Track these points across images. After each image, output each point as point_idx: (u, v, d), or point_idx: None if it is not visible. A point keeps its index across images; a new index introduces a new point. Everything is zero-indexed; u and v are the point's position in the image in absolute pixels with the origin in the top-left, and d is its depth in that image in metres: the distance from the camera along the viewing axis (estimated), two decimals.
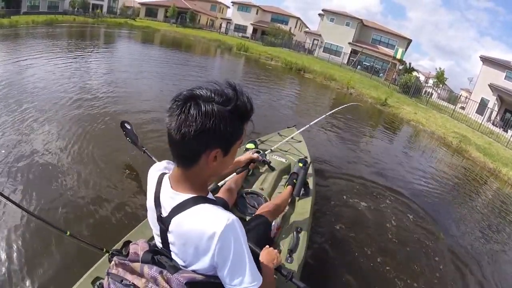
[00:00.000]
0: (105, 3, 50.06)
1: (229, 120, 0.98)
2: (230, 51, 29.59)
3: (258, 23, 47.55)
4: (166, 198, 1.12)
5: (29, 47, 15.55)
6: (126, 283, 1.09)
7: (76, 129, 5.17)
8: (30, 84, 7.45)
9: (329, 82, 19.62)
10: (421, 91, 23.39)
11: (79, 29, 29.65)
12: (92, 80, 8.98)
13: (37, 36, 20.01)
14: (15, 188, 3.42)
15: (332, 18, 40.94)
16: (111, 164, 4.30)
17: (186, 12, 48.73)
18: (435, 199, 5.82)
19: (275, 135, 4.39)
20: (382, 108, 14.96)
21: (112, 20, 41.60)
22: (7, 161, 3.92)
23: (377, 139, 9.62)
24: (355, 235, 3.92)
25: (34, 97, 6.56)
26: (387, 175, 6.30)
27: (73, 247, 2.66)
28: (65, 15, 38.52)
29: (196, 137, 0.96)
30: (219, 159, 1.05)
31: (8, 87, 6.95)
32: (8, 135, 4.67)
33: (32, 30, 23.78)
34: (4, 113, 5.39)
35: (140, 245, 1.17)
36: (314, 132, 8.31)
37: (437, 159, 9.38)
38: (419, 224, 4.68)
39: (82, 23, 35.91)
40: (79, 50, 15.83)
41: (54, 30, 25.27)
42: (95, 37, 25.58)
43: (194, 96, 0.97)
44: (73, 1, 43.52)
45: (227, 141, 1.03)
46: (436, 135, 11.98)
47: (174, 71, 13.18)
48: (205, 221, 1.01)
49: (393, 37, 39.52)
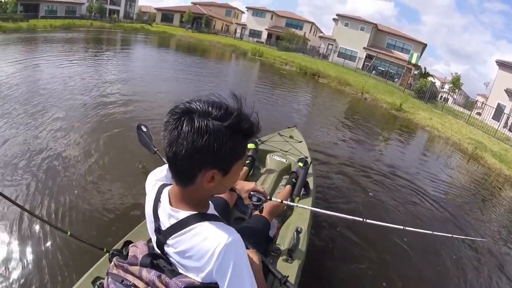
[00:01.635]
0: (122, 9, 50.99)
1: (226, 137, 0.89)
2: (245, 56, 29.89)
3: (273, 28, 47.85)
4: (164, 214, 1.08)
5: (47, 50, 16.08)
6: (127, 284, 1.08)
7: (83, 130, 5.33)
8: (48, 85, 7.85)
9: (343, 87, 19.65)
10: (437, 96, 23.20)
11: (96, 33, 30.21)
12: (109, 83, 9.32)
13: (55, 40, 20.60)
14: (16, 188, 3.49)
15: (347, 22, 40.96)
16: (114, 164, 4.39)
17: (201, 18, 49.37)
18: (445, 204, 5.76)
19: (275, 135, 4.34)
20: (397, 113, 14.96)
21: (128, 25, 42.35)
22: (8, 160, 4.03)
23: (390, 143, 9.67)
24: (356, 236, 3.95)
25: (49, 97, 6.89)
26: (396, 178, 6.35)
27: (73, 247, 2.69)
28: (82, 20, 39.56)
29: (188, 157, 0.89)
30: (217, 179, 0.97)
31: (27, 88, 7.38)
32: (14, 133, 4.86)
33: (50, 34, 24.46)
34: (18, 112, 5.68)
35: (139, 248, 1.15)
36: (326, 133, 8.44)
37: (451, 165, 9.34)
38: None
39: (99, 27, 36.68)
40: (96, 54, 16.30)
41: (72, 34, 25.92)
42: (112, 41, 26.18)
43: (189, 110, 0.90)
44: (90, 6, 44.52)
45: (224, 161, 0.94)
46: (451, 141, 11.94)
47: (189, 76, 13.47)
48: (204, 240, 0.96)
49: (408, 41, 39.30)
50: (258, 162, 3.53)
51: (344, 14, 42.06)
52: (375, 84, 23.01)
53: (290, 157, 3.67)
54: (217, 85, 12.36)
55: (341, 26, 41.33)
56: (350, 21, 40.79)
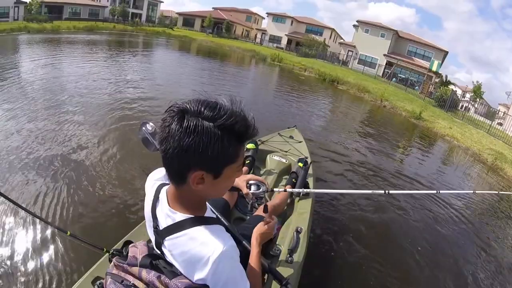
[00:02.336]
0: (144, 12, 52.09)
1: (215, 138, 0.87)
2: (264, 61, 30.11)
3: (293, 34, 48.04)
4: (162, 214, 1.09)
5: (70, 50, 16.78)
6: (127, 284, 1.07)
7: (86, 129, 5.44)
8: (65, 84, 8.40)
9: (362, 94, 19.61)
10: (458, 105, 22.86)
11: (119, 36, 31.22)
12: (127, 84, 9.71)
13: (78, 41, 21.33)
14: (16, 187, 3.54)
15: (367, 29, 40.83)
16: (114, 164, 4.42)
17: (222, 23, 49.97)
18: (457, 211, 5.72)
19: (275, 135, 4.32)
20: (416, 121, 14.85)
21: (150, 29, 43.35)
22: (8, 159, 4.10)
23: (407, 151, 9.65)
24: (356, 235, 3.99)
25: (61, 95, 7.27)
26: (410, 185, 6.37)
27: (73, 247, 2.71)
28: (105, 22, 40.64)
29: (176, 156, 0.90)
30: (208, 182, 0.96)
31: (49, 86, 7.89)
32: (17, 128, 5.05)
33: (73, 35, 25.25)
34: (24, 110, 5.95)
35: (139, 249, 1.15)
36: (341, 138, 8.53)
37: (469, 176, 9.29)
38: (425, 231, 4.69)
39: (122, 30, 37.75)
40: (118, 56, 16.86)
41: (95, 36, 26.82)
42: (134, 44, 26.90)
43: (183, 109, 0.89)
44: (113, 9, 45.73)
45: (213, 162, 0.92)
46: (471, 151, 11.82)
47: (209, 79, 13.92)
48: (199, 246, 0.98)
49: (429, 48, 38.86)
50: (258, 162, 3.52)
51: (365, 21, 41.89)
52: (395, 91, 22.87)
53: (290, 157, 3.67)
54: (235, 89, 12.56)
55: (362, 32, 41.21)
56: (371, 28, 40.62)
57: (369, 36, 40.26)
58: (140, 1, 51.30)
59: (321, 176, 5.48)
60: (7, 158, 4.14)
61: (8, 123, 5.37)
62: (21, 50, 16.61)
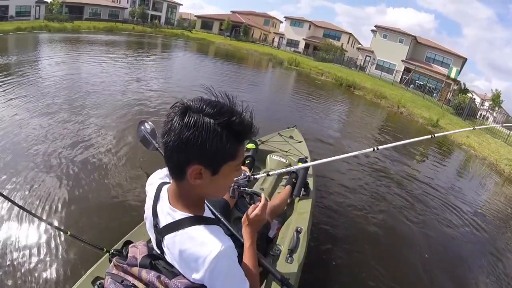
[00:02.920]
0: (163, 15, 52.86)
1: (214, 134, 0.91)
2: (281, 65, 30.24)
3: (310, 38, 48.04)
4: (162, 211, 1.10)
5: (91, 50, 17.26)
6: (127, 284, 1.08)
7: (89, 129, 5.49)
8: (84, 82, 8.65)
9: (379, 100, 19.52)
10: (476, 113, 22.54)
11: (138, 37, 31.83)
12: (144, 85, 9.97)
13: (98, 41, 21.97)
14: (16, 187, 3.55)
15: (385, 34, 40.58)
16: (115, 164, 4.44)
17: (240, 26, 50.38)
18: (461, 217, 5.68)
19: (275, 135, 4.34)
20: (433, 129, 14.72)
21: (169, 31, 43.99)
22: (8, 158, 4.12)
23: (421, 159, 9.58)
24: (356, 235, 4.04)
25: (79, 91, 7.58)
26: (423, 192, 6.34)
27: (73, 247, 2.72)
28: (124, 24, 41.39)
29: (175, 148, 0.93)
30: (206, 178, 0.98)
31: (65, 83, 8.24)
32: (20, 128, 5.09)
33: (93, 35, 25.91)
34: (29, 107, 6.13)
35: (139, 249, 1.17)
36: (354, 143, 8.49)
37: (484, 186, 9.21)
38: (428, 233, 4.71)
39: (141, 32, 38.48)
40: (137, 57, 17.37)
41: (114, 37, 27.43)
42: (153, 45, 27.49)
43: (186, 107, 0.94)
44: (132, 10, 46.54)
45: (211, 158, 0.94)
46: (487, 161, 11.67)
47: (225, 82, 14.03)
48: (198, 245, 0.99)
49: (448, 55, 38.25)
50: (258, 162, 3.54)
51: (383, 26, 41.64)
52: (412, 98, 22.66)
53: (290, 157, 3.67)
54: (251, 93, 12.71)
55: (380, 37, 40.98)
56: (389, 33, 40.38)
57: (387, 42, 40.01)
58: (160, 3, 52.08)
59: (323, 175, 5.53)
60: (7, 157, 4.16)
61: (11, 118, 5.53)
62: (41, 48, 17.21)
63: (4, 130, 5.01)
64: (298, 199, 2.91)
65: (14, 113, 5.83)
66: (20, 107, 6.18)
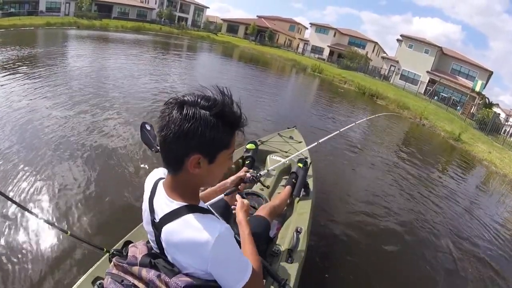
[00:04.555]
0: (190, 17, 53.79)
1: (212, 125, 0.97)
2: (304, 71, 30.40)
3: (335, 46, 48.02)
4: (159, 204, 1.13)
5: (119, 49, 17.95)
6: (127, 284, 1.10)
7: (93, 128, 5.49)
8: (106, 78, 9.00)
9: (401, 111, 19.43)
10: (500, 129, 22.20)
11: (165, 38, 32.49)
12: (166, 85, 10.23)
13: (127, 40, 22.62)
14: (15, 187, 3.53)
15: (411, 44, 40.12)
16: (115, 164, 4.44)
17: (265, 31, 50.76)
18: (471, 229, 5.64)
19: (275, 135, 4.35)
20: (454, 143, 14.67)
21: (195, 33, 44.72)
22: (8, 157, 4.09)
23: (441, 172, 9.53)
24: (356, 235, 4.08)
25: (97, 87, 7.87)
26: (439, 207, 6.29)
27: (73, 247, 2.72)
28: (152, 24, 42.36)
29: (175, 140, 0.98)
30: (203, 167, 1.04)
31: (87, 78, 8.60)
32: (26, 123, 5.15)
33: (121, 34, 26.84)
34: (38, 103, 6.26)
35: (139, 248, 1.19)
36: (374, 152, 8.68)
37: (502, 203, 9.11)
38: (429, 233, 4.81)
39: (168, 33, 39.34)
40: (162, 57, 17.86)
41: (142, 36, 28.17)
42: (179, 46, 28.03)
43: (181, 101, 0.99)
44: (160, 11, 47.48)
45: (209, 147, 1.01)
46: (508, 178, 11.60)
47: (248, 85, 14.32)
48: (196, 232, 1.02)
49: (474, 68, 37.40)
50: (258, 162, 3.53)
51: (409, 35, 41.19)
52: (435, 110, 22.53)
53: (290, 157, 3.62)
54: (273, 97, 12.96)
55: (405, 47, 40.54)
56: (415, 43, 39.90)
57: (412, 52, 39.55)
58: (187, 5, 53.06)
59: (323, 175, 5.57)
60: (7, 156, 4.16)
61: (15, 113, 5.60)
62: (69, 43, 17.92)
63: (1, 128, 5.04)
64: (298, 199, 2.92)
65: (26, 106, 6.01)
66: (35, 100, 6.43)
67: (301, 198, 2.93)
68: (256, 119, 8.38)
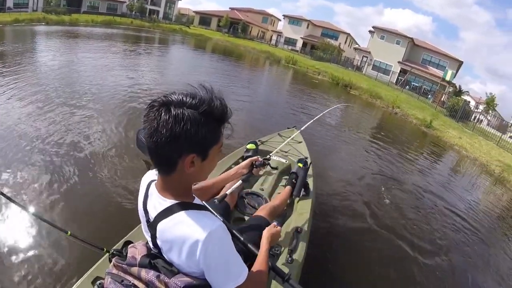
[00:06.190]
0: (162, 9, 52.58)
1: (202, 123, 0.96)
2: (278, 63, 30.27)
3: (308, 37, 48.16)
4: (152, 204, 1.13)
5: (89, 44, 17.28)
6: (127, 284, 1.10)
7: (88, 127, 5.40)
8: (81, 76, 8.69)
9: (374, 100, 19.71)
10: (470, 116, 22.80)
11: (136, 32, 31.58)
12: (141, 80, 9.95)
13: (96, 35, 21.84)
14: (15, 186, 3.51)
15: (383, 35, 40.73)
16: (115, 164, 4.39)
17: (238, 23, 50.21)
18: (454, 221, 5.77)
19: (275, 135, 4.34)
20: (426, 130, 14.95)
21: (167, 26, 43.76)
22: (8, 157, 4.04)
23: (414, 157, 9.66)
24: (356, 235, 4.08)
25: (75, 86, 7.54)
26: (413, 190, 6.49)
27: (73, 247, 2.71)
28: (122, 18, 41.14)
29: (168, 144, 0.96)
30: (197, 164, 1.04)
31: (62, 77, 8.24)
32: (18, 124, 4.98)
33: (91, 28, 25.97)
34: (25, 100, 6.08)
35: (138, 249, 1.19)
36: (349, 142, 8.72)
37: (473, 185, 9.33)
38: (430, 234, 4.77)
39: (139, 26, 38.31)
40: (134, 51, 17.33)
41: (112, 31, 27.34)
42: (151, 40, 27.39)
43: (166, 102, 0.96)
44: (131, 4, 46.07)
45: (202, 145, 1.01)
46: (478, 162, 11.89)
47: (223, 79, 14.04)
48: (188, 228, 1.01)
49: (444, 58, 38.54)
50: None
51: (381, 27, 41.80)
52: (407, 99, 22.91)
53: (290, 157, 3.66)
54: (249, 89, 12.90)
55: (377, 38, 41.13)
56: (386, 34, 40.54)
57: (384, 43, 40.16)
58: None
59: (323, 175, 5.55)
60: (6, 155, 4.11)
61: (9, 113, 5.45)
62: (38, 40, 17.13)
63: None
64: (298, 199, 2.90)
65: (7, 106, 5.79)
66: (14, 99, 6.16)
67: (301, 198, 2.91)
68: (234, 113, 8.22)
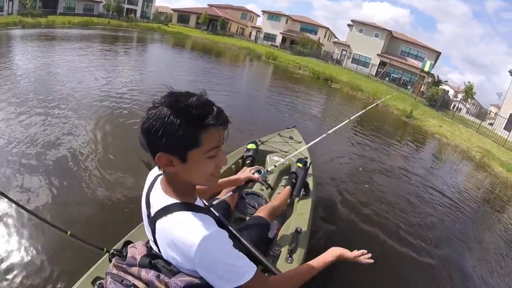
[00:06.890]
0: (139, 8, 51.72)
1: (175, 123, 0.94)
2: (259, 59, 30.23)
3: (287, 32, 48.06)
4: (155, 198, 1.14)
5: (65, 46, 16.70)
6: (127, 284, 1.09)
7: (84, 127, 5.35)
8: (59, 80, 8.33)
9: (355, 93, 19.88)
10: (449, 105, 23.19)
11: (114, 32, 30.86)
12: (120, 80, 9.78)
13: (73, 36, 21.26)
14: (15, 186, 3.49)
15: (361, 29, 40.94)
16: (115, 164, 4.37)
17: (217, 20, 49.82)
18: (442, 207, 5.92)
19: (275, 135, 4.35)
20: (407, 120, 15.16)
21: (145, 25, 43.01)
22: (7, 157, 4.02)
23: (397, 147, 9.79)
24: (356, 235, 4.07)
25: (57, 90, 7.24)
26: (399, 179, 6.60)
27: (73, 247, 2.60)
28: (100, 18, 40.22)
29: (145, 140, 0.99)
30: (177, 165, 1.01)
31: (39, 80, 7.94)
32: (12, 127, 4.91)
33: (68, 30, 25.17)
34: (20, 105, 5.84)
35: (138, 249, 1.18)
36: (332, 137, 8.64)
37: (456, 171, 9.51)
38: (430, 234, 4.76)
39: (116, 26, 37.44)
40: (112, 51, 16.92)
41: (89, 32, 26.57)
42: (129, 40, 26.89)
43: (155, 101, 0.99)
44: (107, 4, 45.18)
45: (174, 145, 0.97)
46: (459, 148, 12.11)
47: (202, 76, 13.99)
48: (183, 231, 1.01)
49: (422, 49, 39.04)
50: (258, 163, 3.48)
51: (359, 20, 42.05)
52: (387, 90, 23.07)
53: (290, 157, 3.61)
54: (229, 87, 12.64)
55: (356, 32, 41.33)
56: (365, 27, 40.78)
57: (363, 36, 40.38)
58: None
59: (318, 173, 5.44)
60: (5, 155, 4.08)
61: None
62: (15, 45, 16.56)
63: None
64: (298, 199, 2.89)
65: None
66: None
67: (301, 198, 2.90)
68: None
